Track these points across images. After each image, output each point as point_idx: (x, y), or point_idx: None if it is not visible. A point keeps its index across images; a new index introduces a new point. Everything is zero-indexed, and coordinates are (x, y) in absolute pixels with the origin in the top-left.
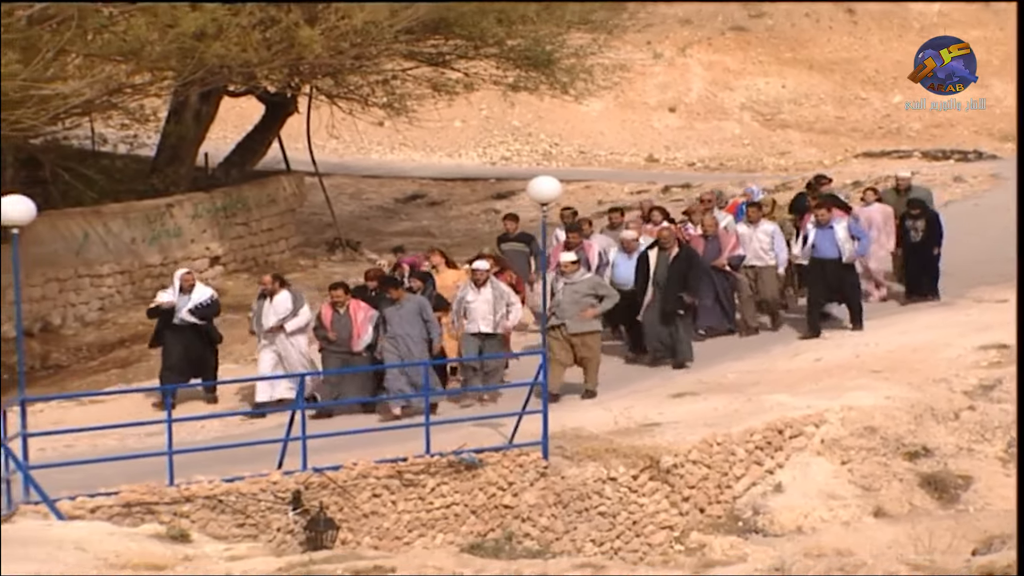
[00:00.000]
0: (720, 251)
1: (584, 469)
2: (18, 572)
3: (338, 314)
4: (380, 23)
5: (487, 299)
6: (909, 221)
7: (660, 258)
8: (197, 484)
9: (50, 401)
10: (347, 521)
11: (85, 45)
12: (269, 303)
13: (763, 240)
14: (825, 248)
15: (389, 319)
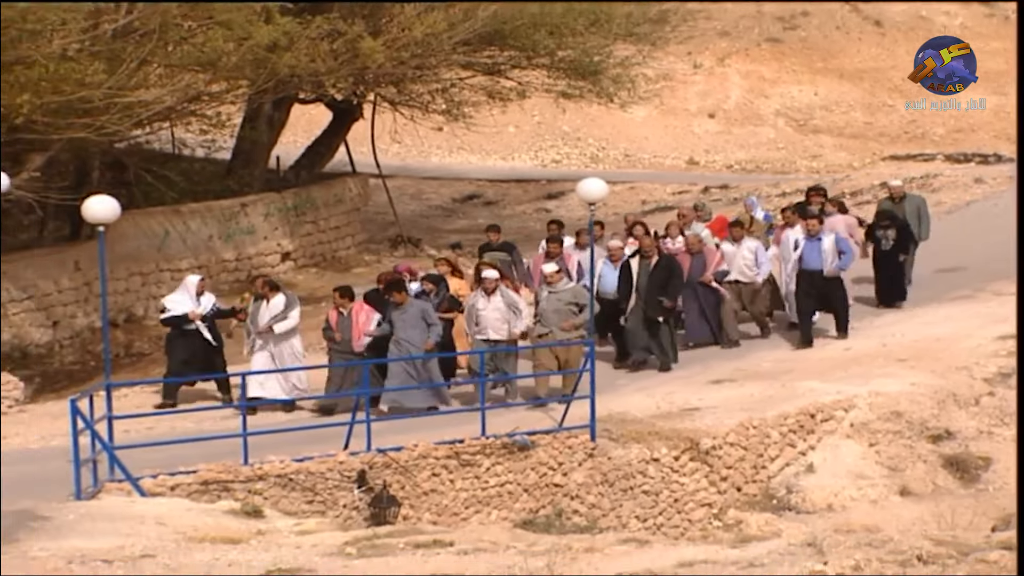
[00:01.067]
0: (705, 267)
1: (629, 450)
2: (104, 545)
3: (342, 316)
4: (439, 35)
5: (498, 307)
6: (880, 231)
7: (642, 266)
8: (269, 464)
9: (133, 387)
10: (408, 498)
11: (166, 56)
12: (265, 306)
13: (747, 257)
14: (813, 259)
15: (394, 323)
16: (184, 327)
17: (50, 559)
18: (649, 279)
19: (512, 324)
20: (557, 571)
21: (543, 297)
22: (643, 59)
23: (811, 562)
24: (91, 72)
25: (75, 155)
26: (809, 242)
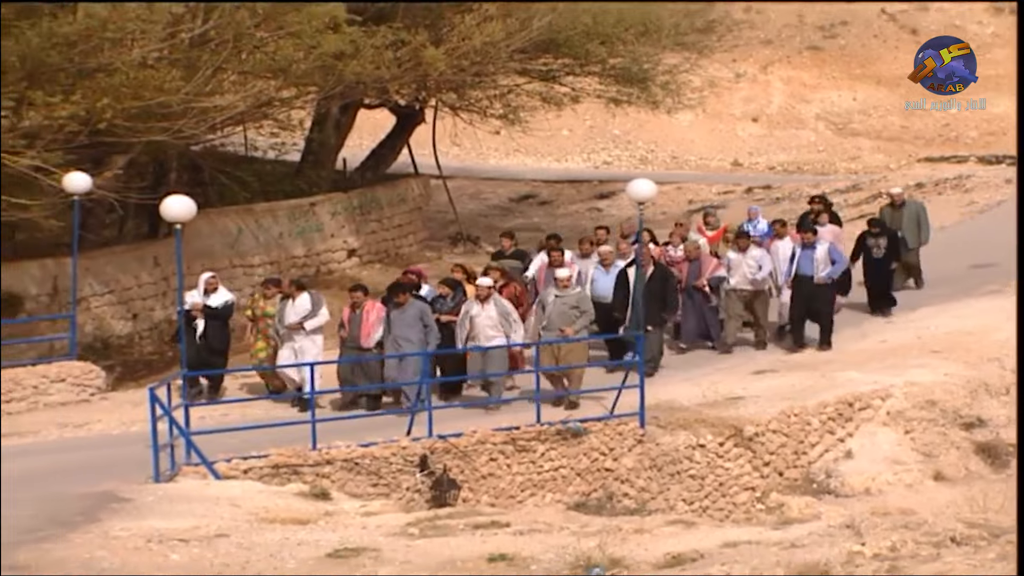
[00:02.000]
0: (700, 272)
1: (676, 437)
2: (181, 525)
3: (355, 313)
4: (497, 44)
5: (491, 315)
6: (871, 239)
7: (637, 275)
8: (336, 449)
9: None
10: (467, 482)
11: (240, 64)
12: (291, 304)
13: (751, 266)
14: (805, 267)
15: (392, 321)
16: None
17: (130, 538)
18: (645, 288)
19: (508, 333)
20: (608, 551)
21: (549, 301)
22: (690, 67)
23: (849, 543)
24: (169, 79)
25: (154, 157)
26: (804, 251)
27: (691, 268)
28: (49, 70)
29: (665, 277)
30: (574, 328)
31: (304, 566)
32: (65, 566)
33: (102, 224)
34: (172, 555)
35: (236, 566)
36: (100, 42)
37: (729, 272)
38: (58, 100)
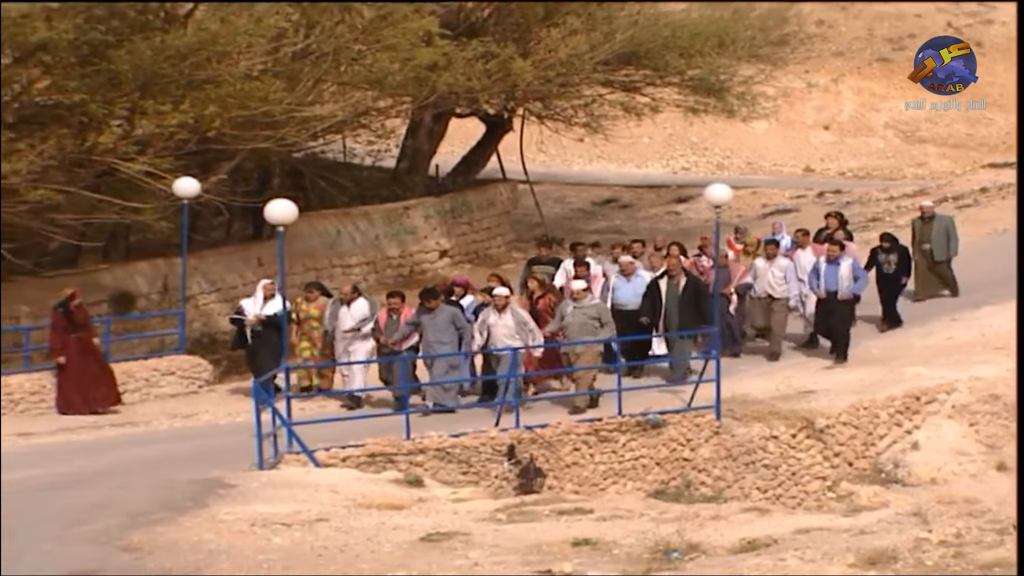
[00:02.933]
0: (729, 280)
1: (751, 428)
2: (283, 510)
3: (391, 319)
4: (582, 56)
5: (508, 324)
6: (882, 255)
7: (669, 287)
8: (429, 439)
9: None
10: (553, 470)
11: (338, 75)
12: (347, 309)
13: (776, 275)
14: (830, 282)
15: (424, 327)
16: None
17: (235, 522)
18: (679, 300)
19: (526, 342)
20: (686, 536)
21: (568, 312)
22: (764, 78)
23: (916, 530)
24: (273, 90)
25: (258, 163)
26: (829, 266)
27: (719, 275)
28: (161, 81)
29: (699, 288)
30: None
31: (399, 549)
32: (175, 548)
33: (209, 226)
34: (275, 538)
35: (335, 549)
36: (209, 55)
37: (755, 280)
38: (169, 109)
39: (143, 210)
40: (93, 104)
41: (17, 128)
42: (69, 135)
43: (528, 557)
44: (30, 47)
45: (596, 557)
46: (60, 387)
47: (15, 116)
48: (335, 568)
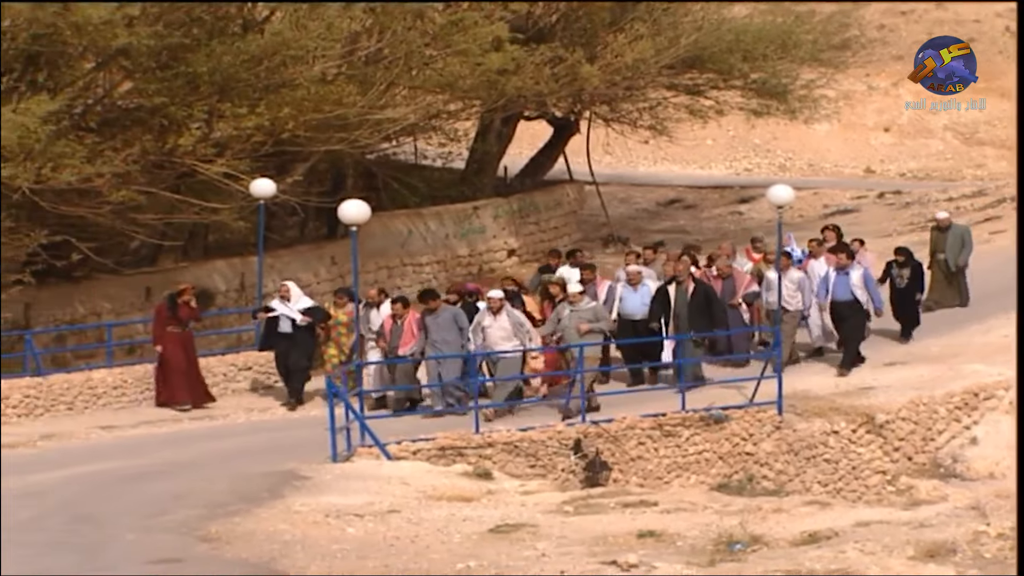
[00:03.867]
0: (735, 290)
1: (812, 424)
2: (357, 501)
3: (396, 324)
4: (647, 60)
5: (503, 326)
6: (895, 269)
7: (678, 292)
8: (497, 432)
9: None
10: (618, 464)
11: (410, 80)
12: (376, 312)
13: (788, 287)
14: (839, 291)
15: (428, 327)
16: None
17: (310, 513)
18: (688, 305)
19: (524, 343)
20: (749, 528)
21: (565, 315)
22: (826, 81)
23: (975, 523)
24: (346, 93)
25: (332, 164)
26: (838, 276)
27: (725, 285)
28: (238, 85)
29: (708, 294)
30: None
31: (468, 540)
32: (252, 538)
33: (285, 226)
34: (348, 528)
35: (406, 539)
36: (284, 59)
37: (768, 292)
38: (246, 112)
39: (221, 210)
40: (173, 107)
41: (100, 131)
42: (150, 138)
43: (594, 548)
44: (112, 52)
45: (660, 549)
46: (158, 379)
47: (98, 120)
48: (407, 558)
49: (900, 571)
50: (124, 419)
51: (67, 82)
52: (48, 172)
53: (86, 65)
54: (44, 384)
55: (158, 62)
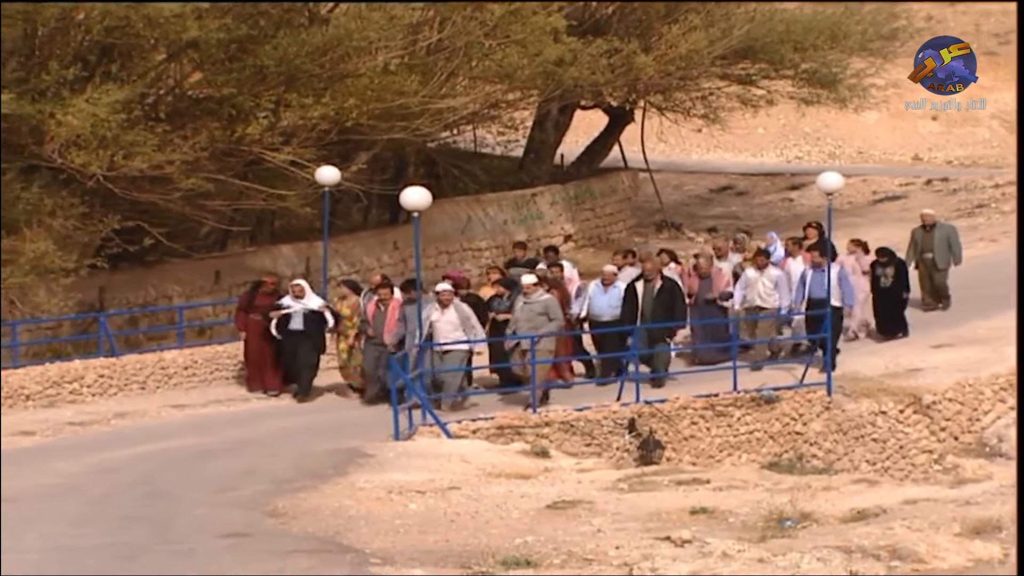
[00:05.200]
0: (713, 287)
1: (860, 404)
2: (418, 478)
3: (379, 311)
4: (701, 51)
5: (451, 320)
6: (879, 268)
7: (646, 289)
8: (554, 412)
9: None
10: (671, 443)
11: (470, 70)
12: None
13: (767, 285)
14: (815, 290)
15: (408, 317)
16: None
17: (374, 489)
18: (654, 302)
19: (470, 337)
20: (799, 506)
21: (518, 307)
22: (875, 71)
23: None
24: (408, 83)
25: (394, 152)
26: (815, 273)
27: (703, 284)
28: (304, 76)
29: (674, 291)
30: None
31: (526, 516)
32: (317, 513)
33: (349, 212)
34: (410, 505)
35: (466, 515)
36: (348, 51)
37: (746, 290)
38: (311, 102)
39: (288, 197)
40: (241, 97)
41: (171, 120)
42: (219, 127)
43: (648, 524)
44: (182, 44)
45: (713, 525)
46: (246, 364)
47: (169, 109)
48: (467, 533)
49: (947, 547)
50: (194, 398)
51: (139, 73)
52: (120, 160)
53: (157, 57)
54: (118, 364)
55: (227, 54)
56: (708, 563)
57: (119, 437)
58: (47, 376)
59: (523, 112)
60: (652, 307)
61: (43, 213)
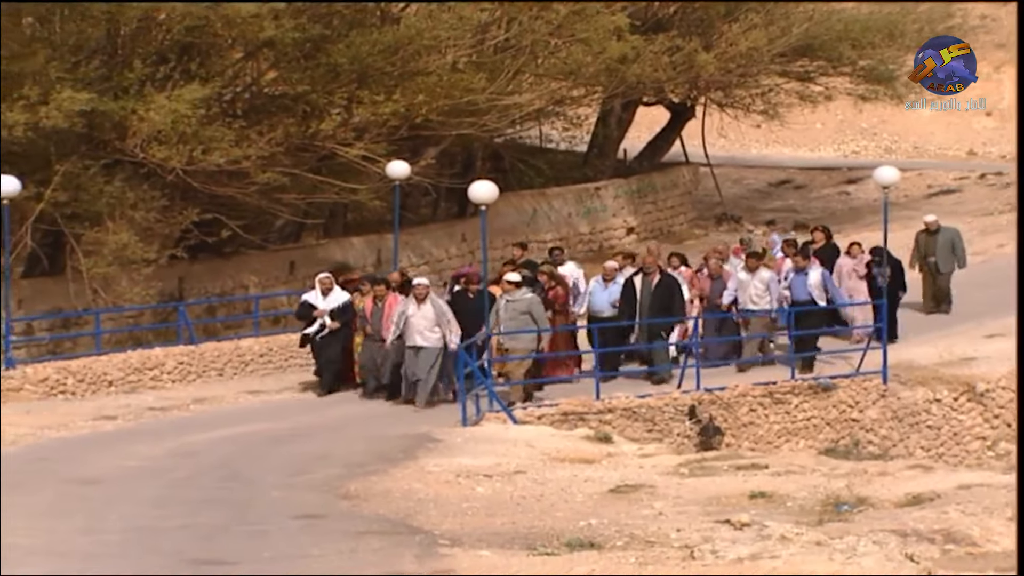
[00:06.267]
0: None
1: (915, 392)
2: (485, 462)
3: (376, 307)
4: (760, 49)
5: (427, 315)
6: (876, 268)
7: (644, 284)
8: (616, 399)
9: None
10: (730, 429)
11: (536, 67)
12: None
13: (758, 287)
14: (797, 292)
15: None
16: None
17: (442, 473)
18: (651, 296)
19: (445, 332)
20: (855, 490)
21: (501, 306)
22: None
23: None
24: (476, 81)
25: (462, 147)
26: (797, 276)
27: (714, 286)
28: (375, 73)
29: (671, 286)
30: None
31: (590, 499)
32: (388, 496)
33: (418, 205)
34: (477, 488)
35: (532, 498)
36: (418, 49)
37: (738, 292)
38: (383, 99)
39: (359, 190)
40: (315, 95)
41: (247, 117)
42: (294, 123)
43: (708, 508)
44: (259, 44)
45: (771, 509)
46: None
47: (245, 106)
48: (532, 516)
49: (1000, 531)
50: (270, 385)
51: (217, 71)
52: (199, 155)
53: (235, 55)
54: (196, 352)
55: (302, 52)
56: (767, 546)
57: (197, 422)
58: (129, 363)
59: (587, 108)
60: (649, 301)
61: (125, 206)
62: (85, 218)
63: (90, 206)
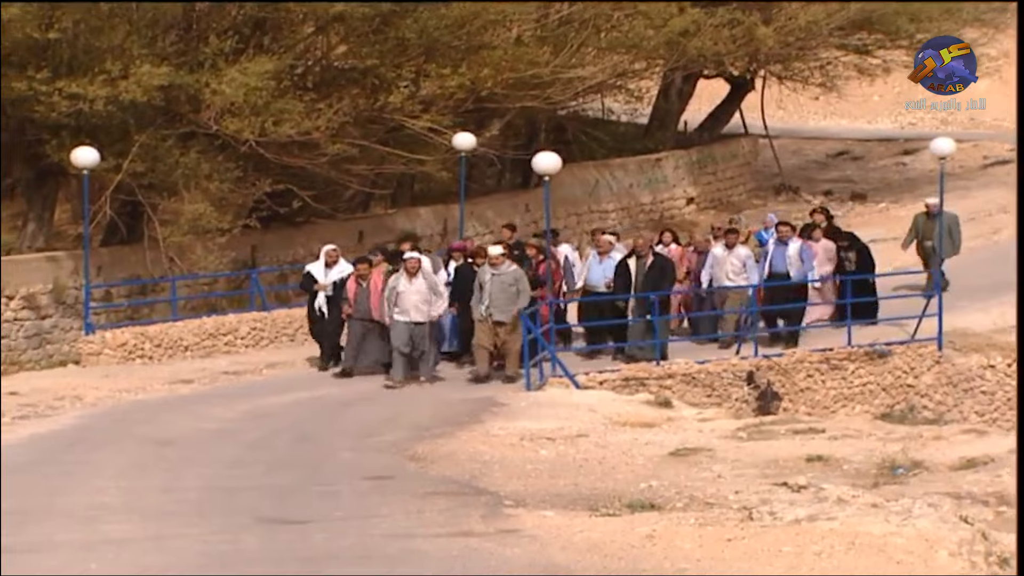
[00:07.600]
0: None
1: (969, 358)
2: (548, 426)
3: (361, 287)
4: (819, 22)
5: (419, 289)
6: (843, 252)
7: (638, 265)
8: (676, 365)
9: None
10: (788, 394)
11: (598, 41)
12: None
13: (735, 264)
14: (776, 263)
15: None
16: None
17: (507, 436)
18: (644, 277)
19: (432, 306)
20: (910, 454)
21: (487, 280)
22: (987, 40)
23: None
24: (540, 54)
25: (526, 120)
26: (777, 247)
27: (700, 260)
28: (442, 47)
29: (664, 267)
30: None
31: (650, 462)
32: (454, 458)
33: (484, 176)
34: (541, 451)
35: (594, 461)
36: (484, 24)
37: (713, 268)
38: (449, 72)
39: (426, 161)
40: (383, 68)
41: (317, 90)
42: (362, 95)
43: (766, 471)
44: (329, 18)
45: (828, 472)
46: None
47: (316, 79)
48: (594, 478)
49: None
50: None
51: (289, 45)
52: (271, 126)
53: (306, 30)
54: (269, 318)
55: (371, 27)
56: (824, 508)
57: (270, 386)
58: (204, 328)
59: (648, 81)
60: (643, 282)
61: (200, 177)
62: (162, 188)
63: (166, 177)
